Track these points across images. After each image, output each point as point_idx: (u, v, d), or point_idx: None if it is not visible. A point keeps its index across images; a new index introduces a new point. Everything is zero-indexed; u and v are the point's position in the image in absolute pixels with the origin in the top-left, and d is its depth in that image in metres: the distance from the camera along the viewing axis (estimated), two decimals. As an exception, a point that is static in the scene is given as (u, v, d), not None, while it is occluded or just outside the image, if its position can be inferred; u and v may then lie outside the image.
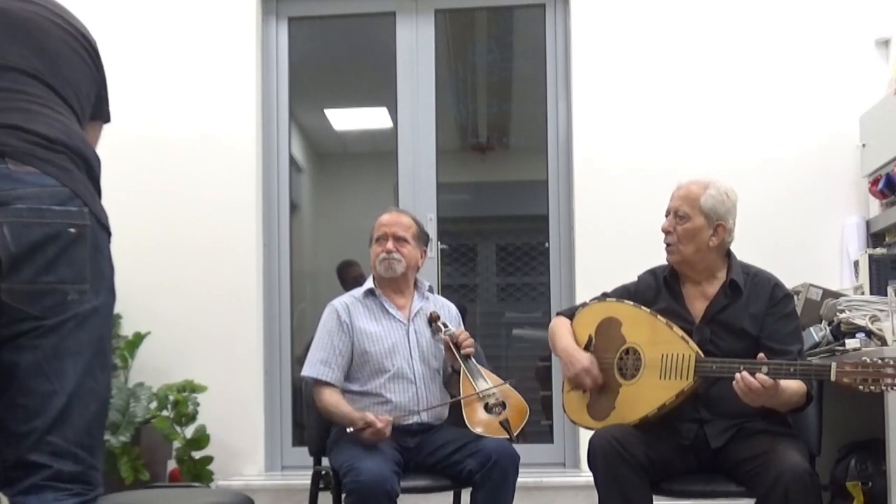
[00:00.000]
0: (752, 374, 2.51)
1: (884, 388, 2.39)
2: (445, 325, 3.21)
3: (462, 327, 3.30)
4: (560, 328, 3.00)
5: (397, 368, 3.15)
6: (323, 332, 3.21)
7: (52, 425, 1.59)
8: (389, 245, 3.21)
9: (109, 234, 1.75)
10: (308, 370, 3.17)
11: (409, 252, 3.25)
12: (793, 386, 2.61)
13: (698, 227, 2.81)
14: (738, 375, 2.53)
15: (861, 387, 2.40)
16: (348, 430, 2.98)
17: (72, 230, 1.62)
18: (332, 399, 3.12)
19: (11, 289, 1.58)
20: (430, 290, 3.40)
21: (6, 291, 1.57)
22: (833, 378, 2.44)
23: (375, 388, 3.14)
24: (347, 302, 3.25)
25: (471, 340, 3.20)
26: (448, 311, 3.35)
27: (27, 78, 1.74)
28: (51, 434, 1.59)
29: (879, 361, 2.40)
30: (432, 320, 3.23)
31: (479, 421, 3.03)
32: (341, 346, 3.16)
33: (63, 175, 1.66)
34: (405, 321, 3.23)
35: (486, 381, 3.11)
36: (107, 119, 1.98)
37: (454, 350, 3.14)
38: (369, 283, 3.28)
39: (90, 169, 1.75)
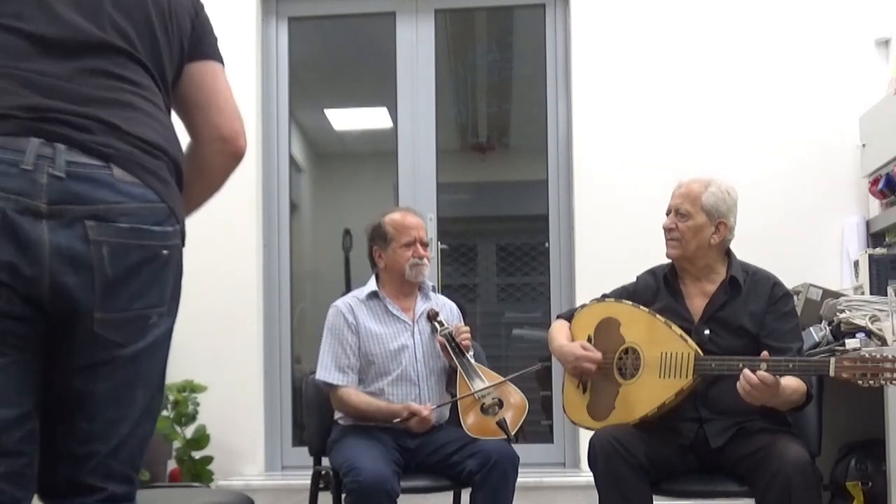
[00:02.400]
0: (753, 371, 2.52)
1: (883, 382, 2.39)
2: (442, 324, 3.20)
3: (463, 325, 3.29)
4: (557, 331, 3.00)
5: (401, 370, 3.14)
6: (332, 334, 3.18)
7: (113, 451, 1.50)
8: (421, 250, 3.20)
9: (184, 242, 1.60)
10: (323, 375, 3.13)
11: (429, 255, 3.26)
12: (793, 385, 2.61)
13: (700, 224, 2.81)
14: (740, 375, 2.53)
15: (860, 381, 2.40)
16: (395, 420, 2.98)
17: (165, 252, 1.48)
18: (362, 399, 3.10)
19: (105, 318, 1.43)
20: (433, 289, 3.40)
21: (99, 322, 1.43)
22: (832, 373, 2.45)
23: (379, 389, 3.13)
24: (351, 303, 3.23)
25: (468, 332, 3.19)
26: (450, 311, 3.34)
27: (130, 62, 1.53)
28: (110, 458, 1.50)
29: (878, 356, 2.41)
30: (431, 317, 3.23)
31: (476, 424, 3.03)
32: (352, 346, 3.15)
33: (163, 189, 1.49)
34: (410, 323, 3.23)
35: (483, 380, 3.10)
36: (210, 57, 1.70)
37: (450, 349, 3.13)
38: (372, 285, 3.26)
39: (181, 175, 1.58)
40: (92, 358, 1.45)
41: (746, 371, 2.52)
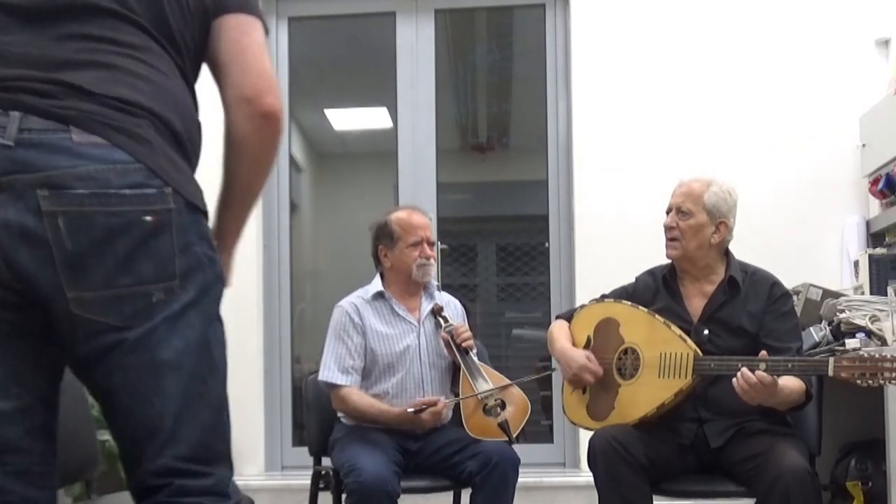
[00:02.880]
0: (752, 371, 2.52)
1: (882, 382, 2.39)
2: (446, 319, 3.19)
3: (466, 324, 3.29)
4: (557, 331, 3.00)
5: (407, 371, 3.14)
6: (336, 334, 3.17)
7: (161, 449, 1.37)
8: (428, 250, 3.19)
9: (205, 215, 1.45)
10: (326, 375, 3.11)
11: (434, 255, 3.25)
12: (792, 385, 2.61)
13: (701, 223, 2.81)
14: (738, 373, 2.53)
15: (859, 381, 2.40)
16: (408, 409, 2.97)
17: (147, 218, 1.31)
18: (364, 401, 3.08)
19: (81, 298, 1.29)
20: (438, 289, 3.38)
21: (75, 301, 1.29)
22: (831, 373, 2.45)
23: (384, 390, 3.13)
24: (356, 303, 3.21)
25: (469, 334, 3.18)
26: (454, 308, 3.34)
27: (120, 23, 1.41)
28: (162, 457, 1.38)
29: (877, 356, 2.41)
30: (436, 313, 3.22)
31: (478, 425, 3.02)
32: (357, 347, 3.13)
33: (139, 148, 1.33)
34: (416, 324, 3.22)
35: (486, 380, 3.10)
36: (244, 9, 1.52)
37: (453, 346, 3.13)
38: (377, 285, 3.25)
39: (179, 136, 1.42)
40: (93, 345, 1.33)
41: (745, 370, 2.52)
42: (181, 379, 1.38)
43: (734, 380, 2.54)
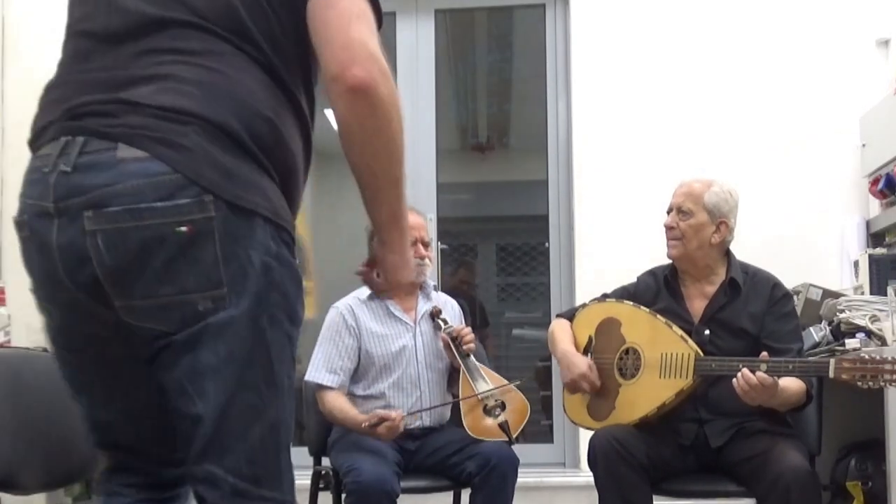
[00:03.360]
0: (753, 372, 2.52)
1: (882, 384, 2.39)
2: (446, 322, 3.19)
3: (464, 324, 3.29)
4: (559, 331, 3.00)
5: (402, 372, 3.13)
6: (328, 336, 3.16)
7: (202, 453, 1.34)
8: (422, 250, 3.17)
9: (268, 218, 1.36)
10: (313, 375, 3.12)
11: (430, 255, 3.24)
12: (792, 386, 2.61)
13: (702, 223, 2.81)
14: (738, 374, 2.53)
15: (860, 383, 2.40)
16: (363, 424, 2.93)
17: (182, 229, 1.29)
18: (337, 403, 3.07)
19: (128, 306, 1.32)
20: (434, 288, 3.38)
21: (123, 310, 1.33)
22: (832, 374, 2.45)
23: (380, 391, 3.12)
24: (352, 304, 3.20)
25: (472, 336, 3.17)
26: (451, 308, 3.34)
27: (186, 30, 1.38)
28: (204, 462, 1.34)
29: (878, 357, 2.41)
30: (434, 315, 3.22)
31: (477, 425, 3.02)
32: (348, 349, 3.12)
33: (177, 157, 1.30)
34: (412, 324, 3.22)
35: (486, 381, 3.10)
36: None
37: (453, 348, 3.12)
38: None
39: (237, 137, 1.34)
40: (148, 349, 1.35)
41: (745, 371, 2.52)
42: (223, 384, 1.33)
43: (734, 380, 2.54)
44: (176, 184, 1.29)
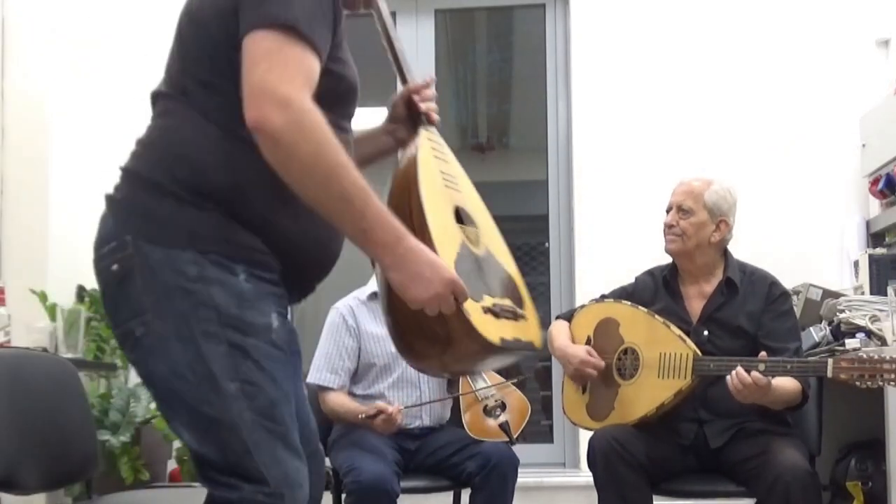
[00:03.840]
0: (748, 372, 2.52)
1: (881, 383, 2.40)
2: None
3: None
4: (557, 331, 3.00)
5: (402, 372, 3.14)
6: (328, 337, 3.17)
7: (196, 456, 1.52)
8: None
9: (179, 249, 1.49)
10: (314, 377, 3.13)
11: None
12: (787, 385, 2.61)
13: (702, 221, 2.82)
14: (732, 372, 2.54)
15: (858, 383, 2.40)
16: (360, 416, 2.95)
17: (114, 268, 1.52)
18: (338, 400, 3.09)
19: (115, 336, 1.61)
20: None
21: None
22: (830, 374, 2.45)
23: (380, 391, 3.13)
24: (352, 305, 3.21)
25: None
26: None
27: (160, 99, 1.62)
28: (197, 464, 1.53)
29: (876, 357, 2.41)
30: None
31: (478, 425, 3.03)
32: (348, 350, 3.13)
33: (115, 208, 1.57)
34: None
35: (486, 382, 3.10)
36: (255, 24, 1.44)
37: None
38: (373, 286, 3.25)
39: (160, 185, 1.50)
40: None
41: (739, 369, 2.52)
42: (174, 395, 1.51)
43: (728, 378, 2.54)
44: (111, 231, 1.54)
